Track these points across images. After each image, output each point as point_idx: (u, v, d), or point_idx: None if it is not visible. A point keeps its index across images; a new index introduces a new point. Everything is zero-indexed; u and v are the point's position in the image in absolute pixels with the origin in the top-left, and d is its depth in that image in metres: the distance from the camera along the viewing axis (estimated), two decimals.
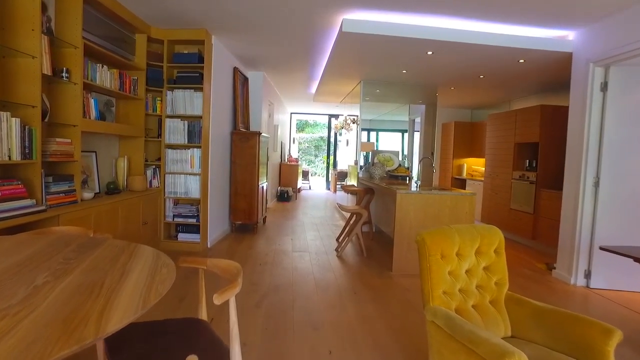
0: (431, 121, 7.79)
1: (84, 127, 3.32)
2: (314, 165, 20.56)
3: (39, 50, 2.78)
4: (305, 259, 4.50)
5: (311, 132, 21.03)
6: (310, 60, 5.74)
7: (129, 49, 4.13)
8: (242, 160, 5.68)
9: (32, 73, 2.80)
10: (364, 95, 6.71)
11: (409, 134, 8.73)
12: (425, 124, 7.90)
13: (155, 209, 4.48)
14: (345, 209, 4.67)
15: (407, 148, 8.76)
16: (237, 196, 5.71)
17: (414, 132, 8.61)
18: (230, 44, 5.08)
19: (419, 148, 8.06)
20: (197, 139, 4.54)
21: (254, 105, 6.75)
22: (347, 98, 8.72)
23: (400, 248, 4.04)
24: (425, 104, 7.78)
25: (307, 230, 6.24)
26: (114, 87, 3.83)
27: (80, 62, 3.21)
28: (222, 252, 4.65)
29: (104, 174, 4.11)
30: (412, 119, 8.49)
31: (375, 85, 6.69)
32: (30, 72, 2.80)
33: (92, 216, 3.27)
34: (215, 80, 4.86)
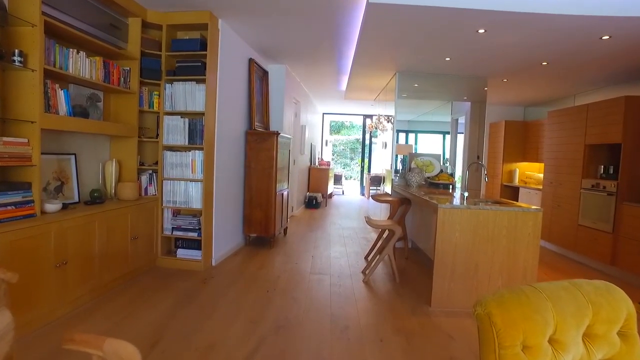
0: (477, 120, 6.81)
1: (46, 124, 2.70)
2: (349, 169, 19.75)
3: None
4: (324, 285, 3.71)
5: (347, 134, 20.23)
6: (337, 48, 4.96)
7: (120, 35, 3.52)
8: (257, 164, 4.98)
9: None
10: (399, 91, 5.86)
11: (451, 135, 7.76)
12: (471, 123, 6.92)
13: (151, 220, 3.85)
14: (376, 224, 3.85)
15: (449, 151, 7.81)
16: (252, 205, 5.01)
17: (456, 134, 7.66)
18: (243, 31, 4.40)
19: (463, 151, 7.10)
20: (200, 139, 3.87)
21: (275, 102, 6.05)
22: (381, 95, 7.87)
23: (442, 277, 3.17)
24: (470, 100, 6.81)
25: (332, 244, 5.45)
26: (96, 79, 3.22)
27: (39, 43, 2.59)
28: (227, 272, 3.95)
29: (89, 180, 3.52)
30: (455, 118, 7.53)
31: (413, 78, 5.81)
32: None
33: (51, 233, 2.64)
34: (224, 71, 4.19)
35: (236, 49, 4.56)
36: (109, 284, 3.26)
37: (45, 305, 2.63)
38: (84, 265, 2.95)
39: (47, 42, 2.74)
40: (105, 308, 2.94)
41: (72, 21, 2.91)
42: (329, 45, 4.81)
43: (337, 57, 5.46)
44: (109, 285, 3.25)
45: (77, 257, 2.87)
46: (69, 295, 2.82)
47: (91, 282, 3.03)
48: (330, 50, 5.09)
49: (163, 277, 3.70)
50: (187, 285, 3.51)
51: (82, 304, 2.95)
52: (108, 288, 3.25)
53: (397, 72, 5.69)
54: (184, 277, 3.72)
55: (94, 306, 2.96)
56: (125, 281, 3.49)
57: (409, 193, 4.32)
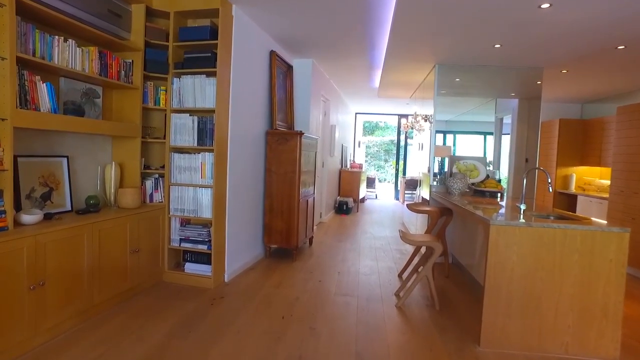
0: (525, 119, 6.04)
1: (21, 122, 2.31)
2: (384, 171, 19.03)
3: None
4: (350, 311, 3.16)
5: (381, 135, 19.51)
6: (368, 39, 4.40)
7: (121, 23, 3.13)
8: (279, 167, 4.49)
9: None
10: (439, 87, 5.22)
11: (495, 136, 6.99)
12: (518, 123, 6.16)
13: (156, 230, 3.44)
14: (412, 241, 3.25)
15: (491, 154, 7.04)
16: (273, 213, 4.53)
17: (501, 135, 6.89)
18: (263, 19, 3.92)
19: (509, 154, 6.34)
20: (210, 139, 3.43)
21: (300, 100, 5.56)
22: (418, 92, 7.21)
23: (494, 311, 2.54)
24: (519, 97, 6.05)
25: (362, 257, 4.88)
26: (90, 71, 2.82)
27: (9, 26, 2.20)
28: (240, 291, 3.47)
29: (85, 185, 3.14)
30: (500, 117, 6.76)
31: (454, 72, 5.16)
32: None
33: (24, 250, 2.24)
34: (239, 64, 3.73)
35: (254, 39, 4.09)
36: (101, 305, 2.85)
37: (16, 335, 2.23)
38: (68, 286, 2.55)
39: (24, 26, 2.36)
40: (89, 337, 2.52)
41: (57, 3, 2.51)
42: (359, 34, 4.26)
43: (369, 49, 4.90)
44: (100, 306, 2.84)
45: (58, 277, 2.47)
46: (47, 322, 2.41)
47: (77, 304, 2.62)
48: (360, 41, 4.54)
49: (167, 295, 3.27)
50: (192, 307, 3.05)
51: (63, 331, 2.54)
52: (99, 310, 2.84)
53: (437, 64, 5.06)
54: (190, 296, 3.28)
55: (76, 334, 2.55)
56: (123, 300, 3.08)
57: (451, 202, 3.70)
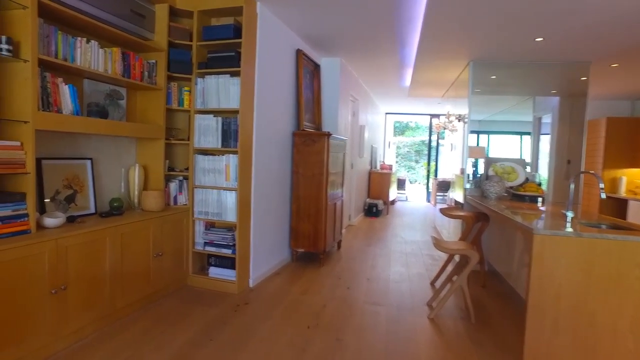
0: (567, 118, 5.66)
1: (43, 125, 2.28)
2: (414, 172, 18.63)
3: None
4: (380, 321, 2.98)
5: (412, 136, 19.11)
6: (399, 35, 4.20)
7: (145, 23, 3.09)
8: (306, 169, 4.37)
9: None
10: (473, 85, 4.96)
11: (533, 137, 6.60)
12: (559, 122, 5.79)
13: (180, 234, 3.38)
14: (446, 249, 3.04)
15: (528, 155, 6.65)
16: (299, 217, 4.41)
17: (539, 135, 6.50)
18: (288, 17, 3.81)
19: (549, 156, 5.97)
20: (234, 141, 3.34)
21: (328, 100, 5.42)
22: (450, 90, 6.93)
23: (539, 328, 2.30)
24: (560, 95, 5.68)
25: (392, 263, 4.69)
26: (113, 72, 2.79)
27: (31, 28, 2.17)
28: (265, 297, 3.36)
29: (110, 188, 3.12)
30: (538, 117, 6.38)
31: (489, 69, 4.88)
32: None
33: (46, 253, 2.20)
34: (264, 63, 3.63)
35: (280, 37, 3.99)
36: (123, 310, 2.80)
37: (38, 339, 2.20)
38: (90, 290, 2.51)
39: (47, 28, 2.33)
40: (110, 342, 2.47)
41: (79, 4, 2.48)
42: (389, 31, 4.08)
43: (399, 46, 4.71)
44: (123, 311, 2.80)
45: (80, 280, 2.43)
46: (69, 326, 2.38)
47: (99, 308, 2.58)
48: (390, 38, 4.35)
49: (190, 300, 3.20)
50: (215, 313, 2.97)
51: (85, 336, 2.51)
52: (121, 315, 2.79)
53: (471, 61, 4.80)
54: (214, 301, 3.19)
55: (97, 339, 2.50)
56: (146, 304, 3.03)
57: (487, 207, 3.45)
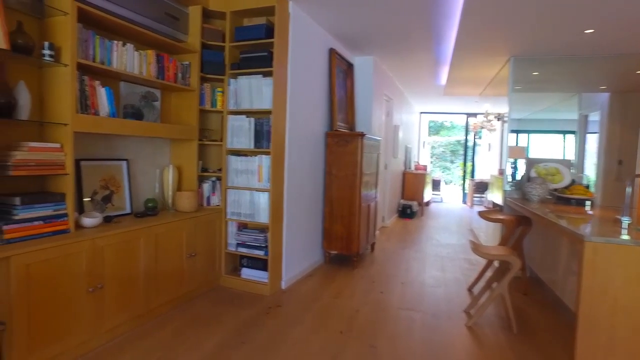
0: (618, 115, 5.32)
1: (80, 127, 2.33)
2: (450, 173, 18.16)
3: None
4: (415, 328, 2.88)
5: (447, 135, 18.64)
6: (435, 31, 4.07)
7: (178, 26, 3.12)
8: (339, 170, 4.30)
9: None
10: (513, 82, 4.73)
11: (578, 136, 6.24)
12: (609, 120, 5.44)
13: (213, 234, 3.39)
14: (486, 254, 2.89)
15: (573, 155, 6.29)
16: (332, 218, 4.35)
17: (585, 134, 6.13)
18: (321, 15, 3.76)
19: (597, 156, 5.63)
20: (267, 141, 3.32)
21: (361, 100, 5.33)
22: (488, 88, 6.68)
23: (592, 345, 2.12)
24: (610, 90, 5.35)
25: (427, 267, 4.54)
26: (147, 74, 2.83)
27: (70, 33, 2.22)
28: (297, 300, 3.32)
29: (145, 188, 3.17)
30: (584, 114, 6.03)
31: (532, 65, 4.65)
32: None
33: (83, 252, 2.25)
34: (296, 63, 3.59)
35: (312, 37, 3.94)
36: (157, 309, 2.83)
37: (76, 337, 2.25)
38: (125, 289, 2.55)
39: (85, 33, 2.38)
40: (145, 341, 2.49)
41: (116, 9, 2.53)
42: (424, 28, 3.95)
43: (435, 43, 4.56)
44: (156, 310, 2.83)
45: (116, 280, 2.47)
46: (105, 324, 2.42)
47: (133, 308, 2.62)
48: (426, 35, 4.21)
49: (223, 301, 3.20)
50: (247, 315, 2.95)
51: (120, 334, 2.55)
52: (155, 314, 2.82)
53: (512, 57, 4.58)
54: (246, 303, 3.18)
55: (132, 337, 2.53)
56: (179, 304, 3.06)
57: (530, 210, 3.26)
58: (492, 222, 3.80)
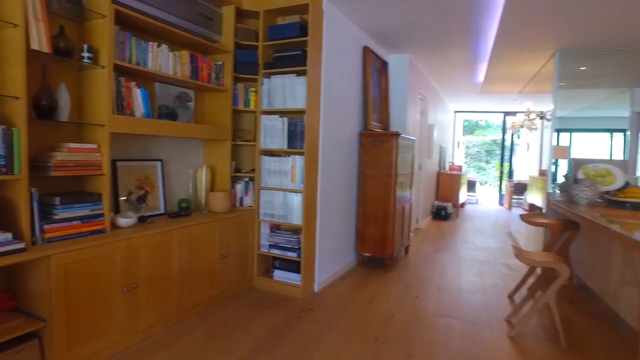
0: None
1: (116, 128, 2.35)
2: (485, 173, 17.61)
3: (21, 13, 1.86)
4: (453, 336, 2.75)
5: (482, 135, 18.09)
6: (473, 27, 3.90)
7: (212, 26, 3.12)
8: (373, 171, 4.20)
9: (10, 49, 1.91)
10: (559, 78, 4.47)
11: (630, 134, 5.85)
12: None
13: (245, 235, 3.38)
14: (531, 261, 2.72)
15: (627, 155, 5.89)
16: (366, 220, 4.25)
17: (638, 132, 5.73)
18: (355, 13, 3.68)
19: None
20: (300, 142, 3.27)
21: (396, 99, 5.20)
22: (529, 86, 6.38)
23: None
24: None
25: (464, 271, 4.37)
26: (182, 75, 2.84)
27: (108, 35, 2.24)
28: (330, 303, 3.26)
29: (179, 188, 3.19)
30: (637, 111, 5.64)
31: (579, 59, 4.38)
32: (7, 48, 1.92)
33: (118, 253, 2.27)
34: (330, 62, 3.53)
35: (346, 34, 3.86)
36: (190, 310, 2.83)
37: (112, 335, 2.27)
38: (159, 289, 2.55)
39: (122, 35, 2.40)
40: (178, 341, 2.49)
41: (152, 10, 2.54)
42: (462, 24, 3.79)
43: (473, 40, 4.38)
44: (189, 310, 2.83)
45: (149, 280, 2.48)
46: (140, 324, 2.44)
47: (167, 308, 2.62)
48: (464, 31, 4.05)
49: (254, 303, 3.17)
50: (280, 319, 2.91)
51: (154, 334, 2.56)
52: (188, 314, 2.83)
53: (557, 51, 4.33)
54: (278, 305, 3.14)
55: (165, 337, 2.54)
56: (212, 305, 3.05)
57: (577, 214, 3.06)
58: (536, 226, 3.60)
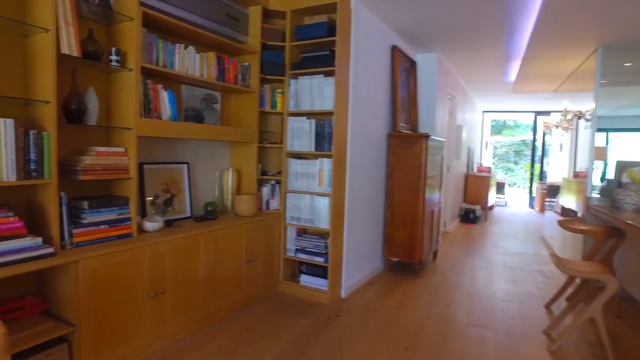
0: None
1: (143, 131, 2.33)
2: (513, 174, 17.11)
3: (52, 18, 1.85)
4: (487, 348, 2.61)
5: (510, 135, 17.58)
6: (507, 24, 3.73)
7: (239, 27, 3.08)
8: (402, 173, 4.08)
9: (41, 54, 1.90)
10: (600, 75, 4.23)
11: None
12: None
13: (272, 239, 3.32)
14: (574, 271, 2.55)
15: None
16: (394, 224, 4.13)
17: None
18: (383, 11, 3.57)
19: None
20: (328, 144, 3.19)
21: (424, 99, 5.06)
22: (566, 84, 6.10)
23: None
24: None
25: (495, 277, 4.19)
26: (208, 77, 2.80)
27: (135, 38, 2.22)
28: (358, 310, 3.17)
29: (205, 191, 3.16)
30: None
31: (624, 54, 4.12)
32: (39, 52, 1.91)
33: (145, 257, 2.24)
34: (358, 61, 3.43)
35: (374, 34, 3.76)
36: (216, 315, 2.80)
37: (139, 340, 2.25)
38: (185, 294, 2.52)
39: (149, 37, 2.38)
40: (204, 347, 2.45)
41: (178, 12, 2.51)
42: (495, 20, 3.63)
43: (507, 36, 4.19)
44: (215, 315, 2.79)
45: (176, 284, 2.45)
46: (166, 329, 2.41)
47: (192, 313, 2.59)
48: (497, 28, 3.88)
49: (281, 308, 3.11)
50: (306, 325, 2.84)
51: (180, 338, 2.53)
52: (214, 319, 2.79)
53: (600, 47, 4.10)
54: (305, 311, 3.07)
55: (192, 342, 2.50)
56: (237, 310, 3.01)
57: (623, 220, 2.86)
58: (576, 232, 3.41)
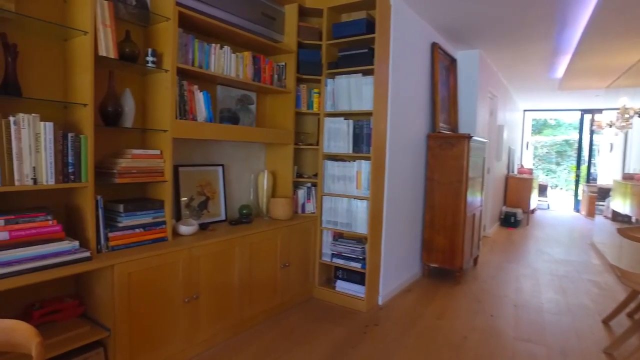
0: None
1: (178, 133, 2.29)
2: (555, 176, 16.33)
3: (91, 20, 1.83)
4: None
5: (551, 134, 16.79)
6: (558, 17, 3.48)
7: (275, 26, 3.01)
8: (442, 175, 3.90)
9: (80, 56, 1.88)
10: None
11: None
12: None
13: (307, 243, 3.23)
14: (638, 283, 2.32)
15: None
16: (433, 228, 3.96)
17: None
18: (423, 7, 3.41)
19: None
20: (366, 145, 3.07)
21: (465, 98, 4.84)
22: (622, 79, 5.70)
23: None
24: None
25: (542, 287, 3.93)
26: (244, 77, 2.74)
27: (171, 38, 2.18)
28: (396, 319, 3.02)
29: (240, 194, 3.11)
30: None
31: None
32: (77, 55, 1.90)
33: (180, 262, 2.20)
34: (397, 60, 3.29)
35: (414, 30, 3.60)
36: (250, 320, 2.73)
37: (173, 346, 2.21)
38: (219, 299, 2.47)
39: (185, 37, 2.34)
40: (239, 354, 2.38)
41: (214, 11, 2.46)
42: (544, 13, 3.39)
43: (557, 30, 3.93)
44: (250, 321, 2.72)
45: (210, 289, 2.40)
46: (201, 335, 2.36)
47: (227, 318, 2.53)
48: (547, 21, 3.63)
49: (316, 315, 3.02)
50: (343, 334, 2.73)
51: (215, 344, 2.47)
52: (248, 325, 2.72)
53: None
54: (341, 319, 2.96)
55: (226, 348, 2.44)
56: (272, 315, 2.93)
57: None
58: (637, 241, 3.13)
